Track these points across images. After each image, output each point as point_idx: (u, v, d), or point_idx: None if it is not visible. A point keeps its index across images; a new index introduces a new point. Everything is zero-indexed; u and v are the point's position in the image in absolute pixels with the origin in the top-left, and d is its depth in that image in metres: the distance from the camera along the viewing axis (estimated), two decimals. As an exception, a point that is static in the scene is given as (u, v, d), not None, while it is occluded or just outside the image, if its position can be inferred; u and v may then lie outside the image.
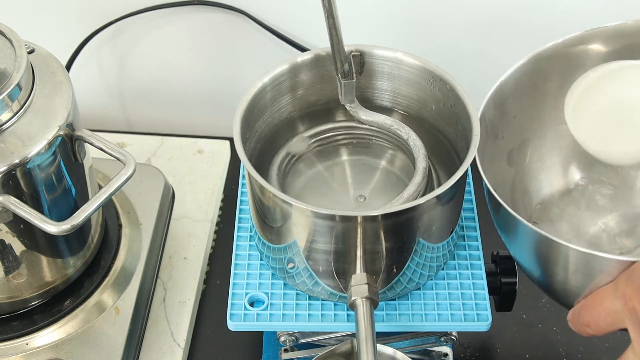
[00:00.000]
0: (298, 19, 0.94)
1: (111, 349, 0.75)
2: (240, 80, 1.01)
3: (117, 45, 0.99)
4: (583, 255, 0.62)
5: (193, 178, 0.96)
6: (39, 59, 0.70)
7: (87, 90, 1.03)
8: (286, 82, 0.74)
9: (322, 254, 0.67)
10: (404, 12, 0.91)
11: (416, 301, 0.71)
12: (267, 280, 0.72)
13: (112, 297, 0.78)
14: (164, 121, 1.07)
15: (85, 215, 0.66)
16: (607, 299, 0.61)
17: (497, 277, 0.74)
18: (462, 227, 0.75)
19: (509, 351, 0.82)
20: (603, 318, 0.61)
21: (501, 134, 0.75)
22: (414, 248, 0.67)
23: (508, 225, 0.68)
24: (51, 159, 0.67)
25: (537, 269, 0.68)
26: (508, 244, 0.71)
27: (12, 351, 0.74)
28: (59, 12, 0.96)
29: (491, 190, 0.66)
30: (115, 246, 0.81)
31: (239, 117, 0.69)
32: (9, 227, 0.69)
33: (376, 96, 0.77)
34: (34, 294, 0.75)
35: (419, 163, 0.71)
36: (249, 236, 0.75)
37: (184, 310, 0.84)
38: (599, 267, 0.61)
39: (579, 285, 0.64)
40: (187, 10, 0.95)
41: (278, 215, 0.67)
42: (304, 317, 0.70)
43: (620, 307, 0.59)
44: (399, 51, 0.74)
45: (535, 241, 0.65)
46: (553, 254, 0.64)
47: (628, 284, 0.58)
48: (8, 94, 0.64)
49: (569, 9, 0.88)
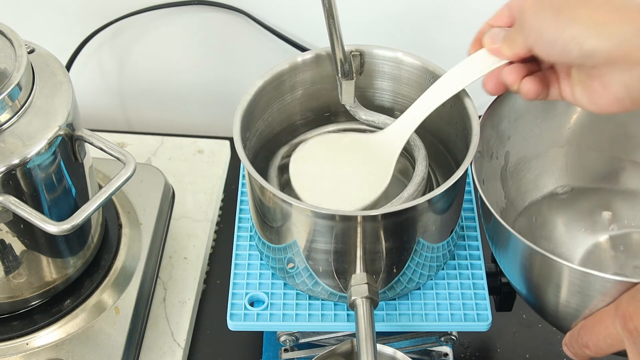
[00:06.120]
0: (298, 19, 0.94)
1: (111, 349, 0.75)
2: (240, 80, 1.01)
3: (117, 45, 0.99)
4: (582, 274, 0.60)
5: (193, 178, 0.96)
6: (39, 59, 0.71)
7: (87, 90, 1.03)
8: (286, 82, 0.74)
9: (322, 254, 0.67)
10: (404, 12, 0.91)
11: (416, 301, 0.71)
12: (267, 280, 0.72)
13: (112, 297, 0.78)
14: (164, 121, 1.07)
15: (85, 215, 0.66)
16: (608, 319, 0.59)
17: (497, 277, 0.74)
18: (462, 227, 0.75)
19: (509, 351, 0.82)
20: (602, 339, 0.59)
21: (496, 155, 0.75)
22: (413, 248, 0.67)
23: (499, 239, 0.67)
24: (51, 159, 0.67)
25: (529, 288, 0.67)
26: (501, 262, 0.70)
27: (12, 351, 0.74)
28: (59, 12, 0.96)
29: (484, 200, 0.66)
30: (115, 246, 0.81)
31: (239, 117, 0.69)
32: (9, 227, 0.69)
33: (376, 96, 0.77)
34: (34, 293, 0.75)
35: (418, 163, 0.71)
36: (249, 236, 0.75)
37: (184, 310, 0.84)
38: (598, 287, 0.60)
39: (575, 306, 0.63)
40: (187, 10, 0.95)
41: (278, 215, 0.67)
42: (304, 317, 0.70)
43: (620, 328, 0.57)
44: (399, 51, 0.74)
45: (529, 258, 0.64)
46: (547, 272, 0.63)
47: (630, 304, 0.57)
48: (8, 94, 0.64)
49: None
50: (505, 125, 0.74)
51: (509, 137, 0.76)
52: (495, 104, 0.72)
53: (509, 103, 0.73)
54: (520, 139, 0.76)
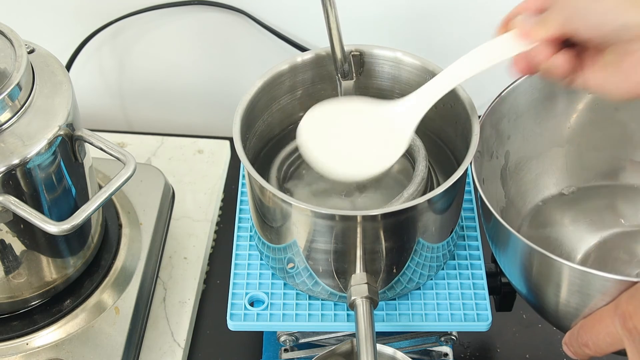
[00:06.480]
0: (298, 19, 0.94)
1: (111, 349, 0.75)
2: (240, 80, 1.01)
3: (117, 45, 0.99)
4: (581, 274, 0.60)
5: (193, 178, 0.96)
6: (39, 59, 0.70)
7: (87, 90, 1.03)
8: (286, 82, 0.74)
9: (322, 254, 0.67)
10: (403, 12, 0.91)
11: (416, 301, 0.71)
12: (267, 280, 0.72)
13: (112, 297, 0.78)
14: (164, 121, 1.07)
15: (85, 215, 0.66)
16: (607, 318, 0.59)
17: (497, 277, 0.74)
18: (462, 227, 0.75)
19: (509, 351, 0.82)
20: (602, 338, 0.59)
21: (496, 154, 0.75)
22: (413, 248, 0.67)
23: (499, 239, 0.67)
24: (51, 158, 0.67)
25: (529, 287, 0.67)
26: (501, 262, 0.70)
27: (12, 351, 0.74)
28: (59, 12, 0.96)
29: (484, 199, 0.66)
30: (115, 246, 0.81)
31: (239, 117, 0.69)
32: (9, 227, 0.69)
33: (376, 96, 0.77)
34: (34, 293, 0.75)
35: (418, 163, 0.71)
36: (249, 236, 0.75)
37: (184, 310, 0.84)
38: (598, 287, 0.60)
39: (575, 305, 0.63)
40: (187, 10, 0.95)
41: (278, 215, 0.67)
42: (304, 317, 0.70)
43: (620, 327, 0.57)
44: (399, 51, 0.74)
45: (529, 257, 0.64)
46: (547, 271, 0.63)
47: (630, 303, 0.57)
48: (8, 94, 0.64)
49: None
50: (505, 124, 0.74)
51: (509, 137, 0.76)
52: (495, 103, 0.72)
53: (509, 103, 0.73)
54: (520, 139, 0.76)
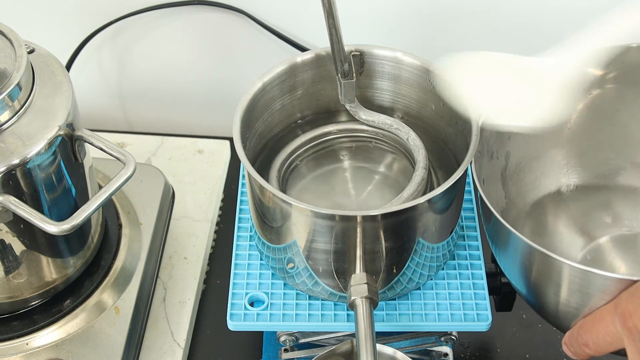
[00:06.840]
0: (298, 19, 0.94)
1: (111, 349, 0.75)
2: (240, 80, 1.01)
3: (117, 45, 0.99)
4: (581, 273, 0.60)
5: (193, 178, 0.96)
6: (39, 59, 0.71)
7: (87, 90, 1.03)
8: (286, 82, 0.74)
9: (322, 254, 0.67)
10: (403, 12, 0.91)
11: (416, 301, 0.71)
12: (267, 280, 0.72)
13: (112, 297, 0.78)
14: (164, 121, 1.07)
15: (85, 215, 0.66)
16: (607, 317, 0.59)
17: (497, 277, 0.74)
18: (462, 227, 0.75)
19: (509, 351, 0.82)
20: (602, 337, 0.59)
21: (496, 155, 0.75)
22: (413, 248, 0.67)
23: (499, 239, 0.67)
24: (51, 159, 0.67)
25: (529, 287, 0.67)
26: (501, 262, 0.70)
27: (12, 351, 0.74)
28: (59, 12, 0.96)
29: (484, 199, 0.66)
30: (115, 246, 0.81)
31: (239, 117, 0.69)
32: (9, 227, 0.69)
33: (376, 96, 0.77)
34: (34, 293, 0.75)
35: (418, 163, 0.71)
36: (249, 236, 0.75)
37: (184, 310, 0.84)
38: (598, 285, 0.60)
39: (575, 305, 0.63)
40: (187, 10, 0.95)
41: (278, 215, 0.67)
42: (304, 317, 0.70)
43: (620, 326, 0.57)
44: (399, 51, 0.74)
45: (529, 257, 0.64)
46: (547, 270, 0.63)
47: (630, 302, 0.57)
48: (8, 94, 0.64)
49: (575, 11, 0.88)
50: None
51: (509, 137, 0.76)
52: None
53: None
54: (520, 139, 0.76)
